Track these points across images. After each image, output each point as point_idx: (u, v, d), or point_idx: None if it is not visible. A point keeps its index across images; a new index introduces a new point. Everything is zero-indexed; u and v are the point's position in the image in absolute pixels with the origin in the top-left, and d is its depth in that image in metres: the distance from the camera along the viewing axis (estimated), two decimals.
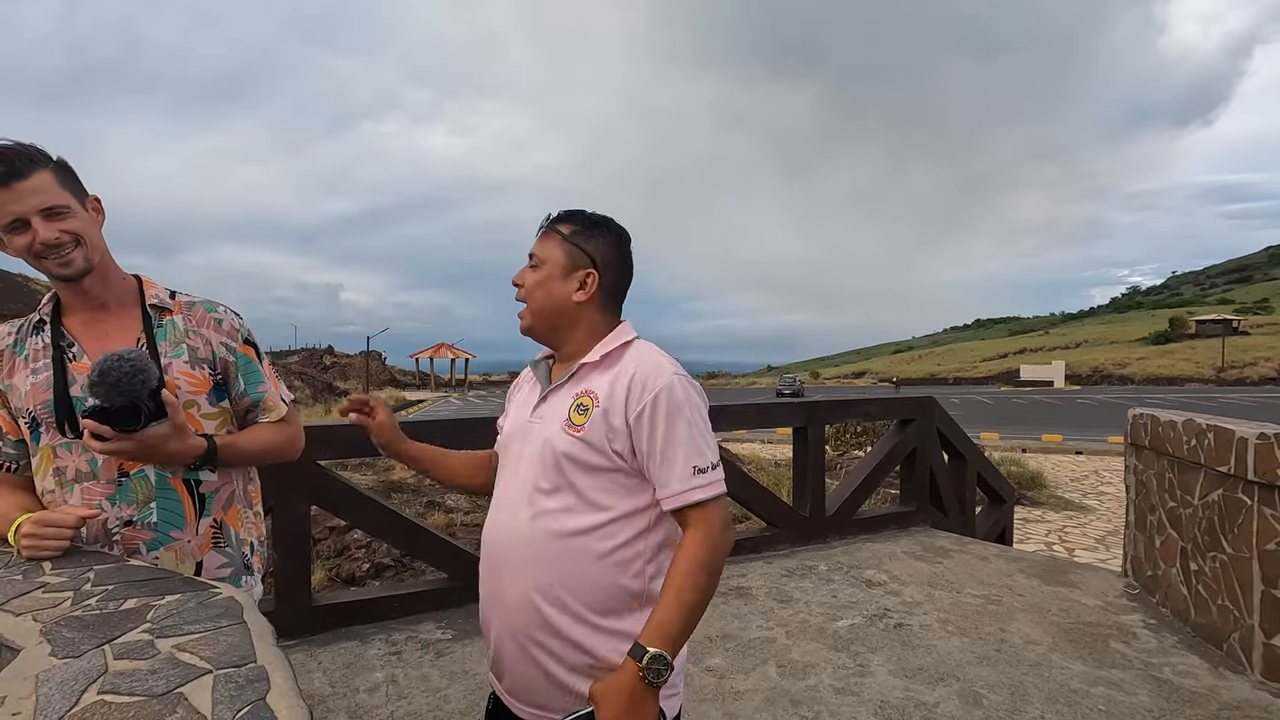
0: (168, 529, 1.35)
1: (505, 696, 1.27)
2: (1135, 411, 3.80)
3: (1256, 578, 2.67)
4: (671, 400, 1.16)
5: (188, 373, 1.39)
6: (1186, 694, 2.61)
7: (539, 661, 1.19)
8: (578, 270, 1.25)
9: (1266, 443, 2.60)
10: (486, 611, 1.28)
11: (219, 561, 1.41)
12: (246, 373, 1.47)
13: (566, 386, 1.25)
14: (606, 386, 1.20)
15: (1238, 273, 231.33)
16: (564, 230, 1.26)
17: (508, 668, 1.24)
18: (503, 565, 1.23)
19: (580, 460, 1.18)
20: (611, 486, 1.19)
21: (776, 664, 2.89)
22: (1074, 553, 8.40)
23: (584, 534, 1.18)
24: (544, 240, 1.27)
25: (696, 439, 1.16)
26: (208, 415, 1.41)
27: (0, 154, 1.23)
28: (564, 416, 1.21)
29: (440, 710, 2.52)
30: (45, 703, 0.70)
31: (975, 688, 2.67)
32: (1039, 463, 14.86)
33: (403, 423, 3.66)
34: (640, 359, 1.22)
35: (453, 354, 53.25)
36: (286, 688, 0.74)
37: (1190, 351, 69.73)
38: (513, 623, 1.21)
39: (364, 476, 8.93)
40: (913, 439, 5.06)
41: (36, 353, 1.35)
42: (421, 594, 3.42)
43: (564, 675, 1.18)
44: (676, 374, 1.19)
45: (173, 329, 1.41)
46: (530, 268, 1.28)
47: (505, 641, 1.23)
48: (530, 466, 1.23)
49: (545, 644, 1.18)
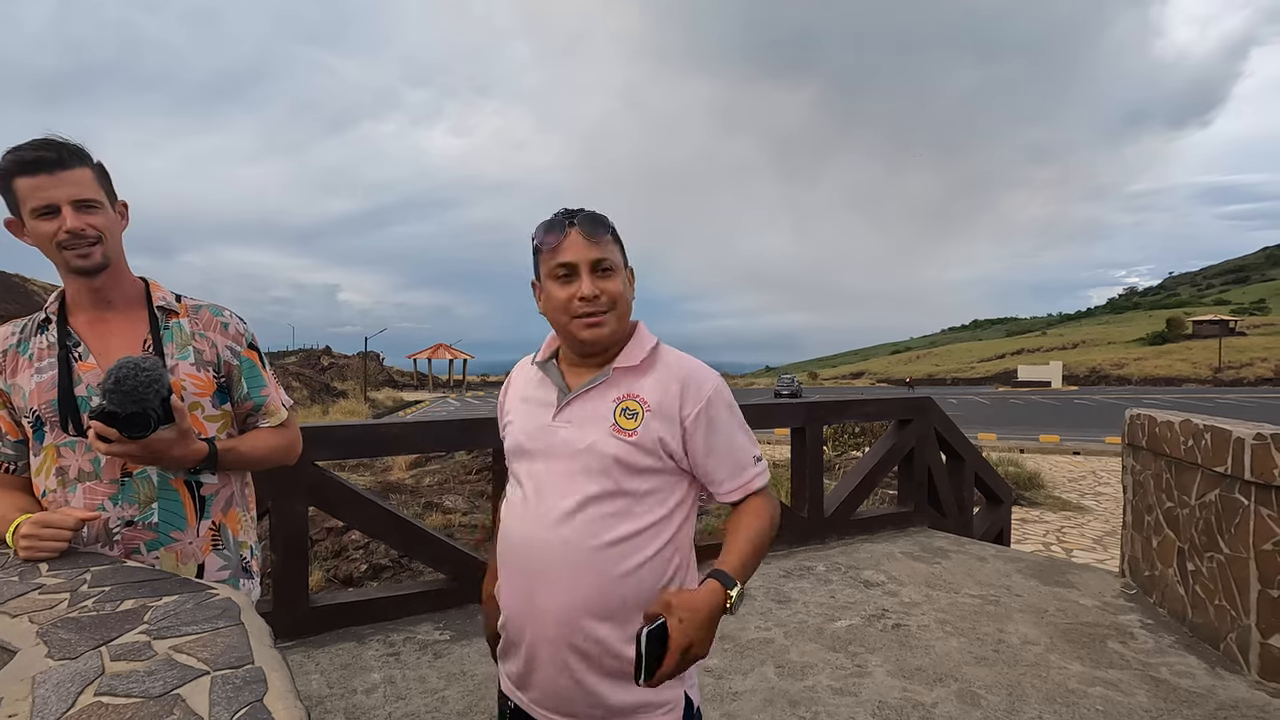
0: (168, 529, 1.35)
1: (533, 708, 1.24)
2: (1132, 412, 3.81)
3: (1253, 578, 2.67)
4: (724, 401, 1.24)
5: (193, 375, 1.40)
6: (1184, 694, 2.61)
7: (576, 671, 1.17)
8: (627, 268, 1.25)
9: (1263, 443, 2.61)
10: (518, 623, 1.23)
11: (218, 564, 1.42)
12: (250, 377, 1.48)
13: (600, 390, 1.22)
14: (654, 390, 1.20)
15: (1234, 274, 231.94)
16: (612, 231, 1.21)
17: (539, 679, 1.21)
18: (538, 577, 1.19)
19: (631, 464, 1.17)
20: (656, 487, 1.20)
21: (774, 664, 2.89)
22: (1071, 553, 8.42)
23: (629, 539, 1.17)
24: (605, 243, 1.20)
25: (745, 435, 1.27)
26: (211, 417, 1.42)
27: (49, 144, 1.29)
28: (609, 420, 1.19)
29: (438, 711, 2.51)
30: (42, 704, 0.69)
31: (973, 688, 2.68)
32: (1036, 463, 14.88)
33: (402, 423, 3.65)
34: (681, 362, 1.25)
35: (451, 354, 53.24)
36: (284, 689, 0.74)
37: (1187, 352, 69.92)
38: (551, 634, 1.18)
39: (362, 477, 8.92)
40: (910, 439, 5.06)
41: (41, 351, 1.36)
42: (419, 595, 3.41)
43: (601, 684, 1.17)
44: (718, 377, 1.27)
45: (179, 331, 1.42)
46: (602, 274, 1.19)
47: (542, 653, 1.19)
48: (566, 474, 1.19)
49: (588, 654, 1.16)
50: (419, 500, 7.57)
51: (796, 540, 4.56)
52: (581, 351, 1.24)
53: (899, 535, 4.86)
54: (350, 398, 30.74)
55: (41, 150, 1.27)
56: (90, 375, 1.33)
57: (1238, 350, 65.47)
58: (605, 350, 1.23)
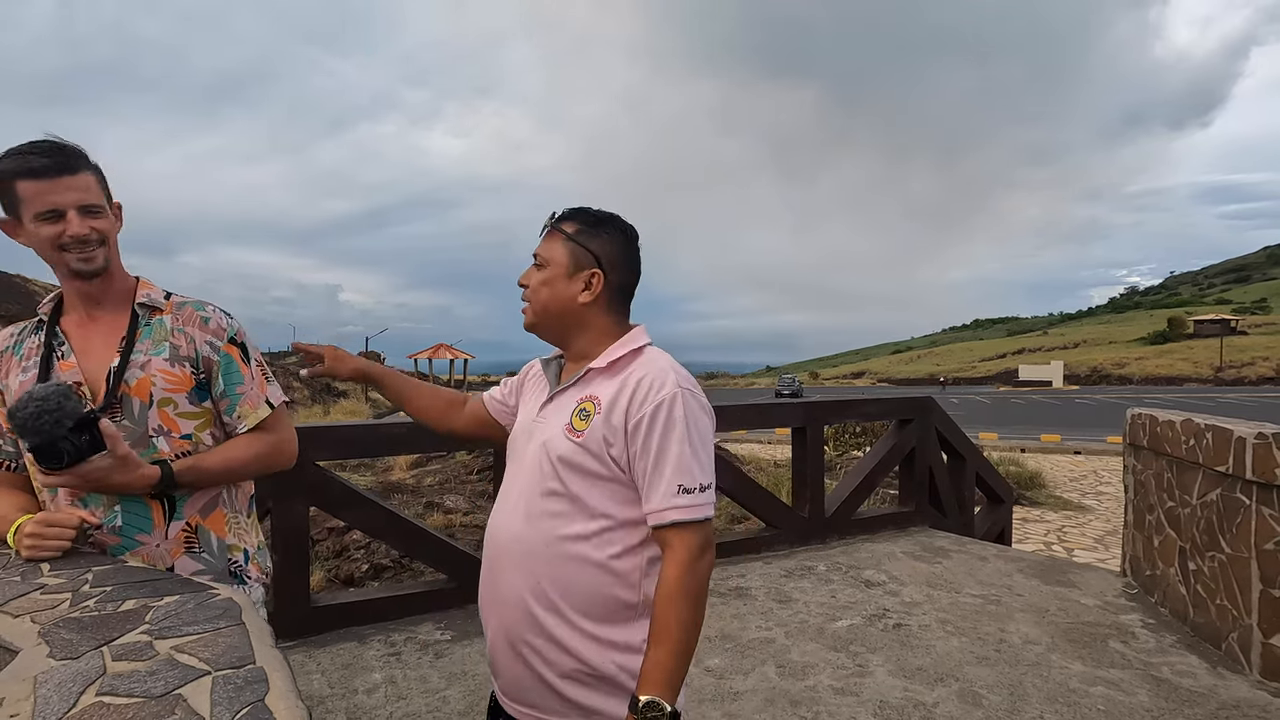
0: (132, 533, 1.33)
1: (500, 696, 1.27)
2: (1134, 411, 3.80)
3: (1255, 577, 2.67)
4: (671, 414, 1.13)
5: (166, 370, 1.37)
6: (1185, 693, 2.61)
7: (529, 662, 1.19)
8: (582, 270, 1.22)
9: (1265, 442, 2.61)
10: (485, 609, 1.28)
11: (193, 568, 1.37)
12: (227, 372, 1.44)
13: (573, 390, 1.24)
14: (610, 393, 1.17)
15: (1235, 273, 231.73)
16: (568, 229, 1.23)
17: (501, 666, 1.24)
18: (500, 563, 1.23)
19: (578, 466, 1.17)
20: (610, 494, 1.17)
21: (776, 664, 2.89)
22: (1073, 552, 8.41)
23: (580, 540, 1.16)
24: (548, 240, 1.25)
25: (688, 458, 1.12)
26: (185, 414, 1.39)
27: (54, 147, 1.28)
28: (566, 421, 1.20)
29: (439, 711, 2.51)
30: (44, 704, 0.69)
31: (974, 688, 2.67)
32: (1038, 463, 14.86)
33: (403, 423, 3.65)
34: (648, 368, 1.18)
35: (451, 354, 53.18)
36: (285, 689, 0.73)
37: (1188, 351, 69.87)
38: (506, 621, 1.21)
39: (363, 477, 8.93)
40: (911, 439, 5.06)
41: (30, 351, 1.37)
42: (420, 595, 3.41)
43: (555, 679, 1.17)
44: (682, 387, 1.15)
45: (159, 327, 1.41)
46: (535, 267, 1.25)
47: (499, 640, 1.23)
48: (531, 468, 1.22)
49: (535, 646, 1.18)
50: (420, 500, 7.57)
51: (797, 540, 4.56)
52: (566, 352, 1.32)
53: (900, 535, 4.86)
54: (351, 398, 30.75)
55: (47, 154, 1.26)
56: (69, 374, 1.33)
57: (1239, 349, 65.42)
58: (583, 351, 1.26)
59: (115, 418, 1.32)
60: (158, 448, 1.35)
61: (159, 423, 1.35)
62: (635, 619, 1.18)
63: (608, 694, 1.17)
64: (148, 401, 1.34)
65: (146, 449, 1.34)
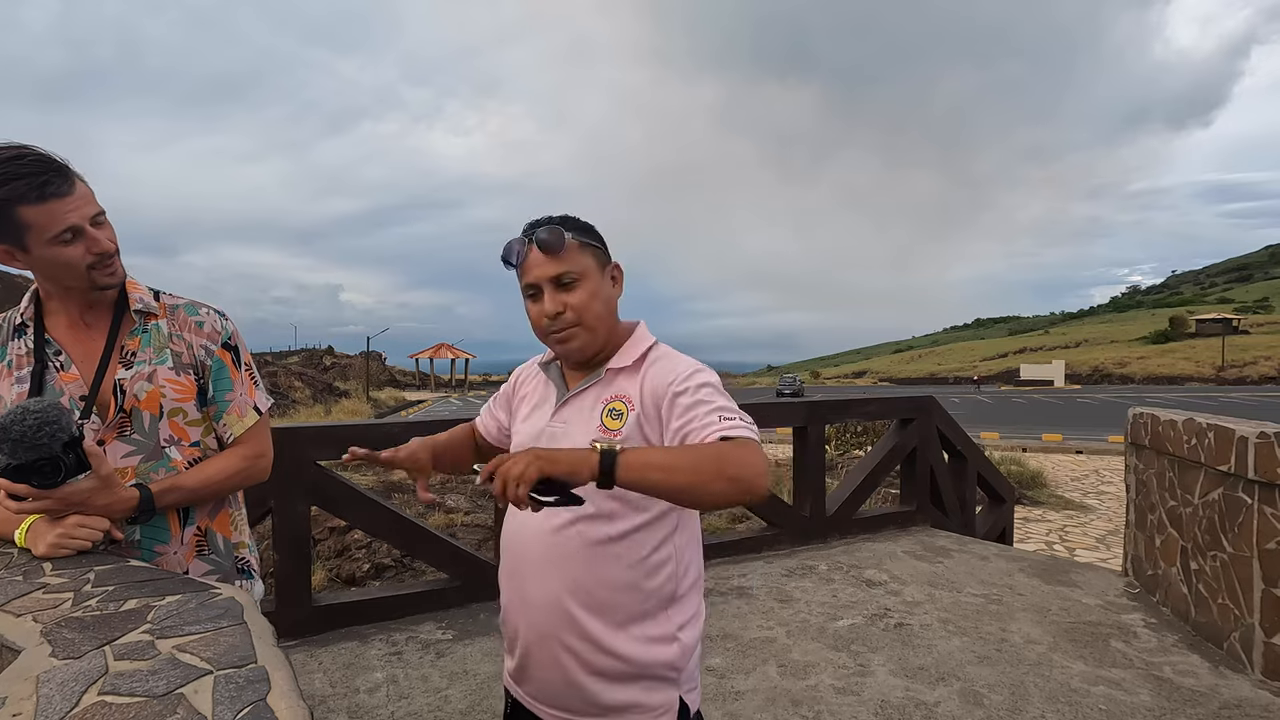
0: (151, 545, 1.31)
1: (530, 702, 1.25)
2: (1135, 410, 3.80)
3: (1257, 577, 2.66)
4: (704, 381, 1.14)
5: (173, 380, 1.34)
6: (1187, 693, 2.61)
7: (565, 665, 1.17)
8: (607, 268, 1.24)
9: (1267, 441, 2.60)
10: (511, 617, 1.25)
11: (203, 570, 1.36)
12: (218, 379, 1.41)
13: (593, 390, 1.22)
14: (638, 389, 1.18)
15: (1237, 272, 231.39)
16: (576, 237, 1.20)
17: (534, 672, 1.22)
18: (527, 568, 1.21)
19: None
20: None
21: (777, 664, 2.89)
22: (1074, 552, 8.41)
23: (618, 540, 1.16)
24: (567, 254, 1.18)
25: (724, 401, 1.11)
26: (194, 422, 1.37)
27: (50, 164, 1.19)
28: (596, 422, 1.18)
29: (441, 710, 2.52)
30: (46, 703, 0.69)
31: (976, 687, 2.67)
32: (1039, 462, 14.86)
33: (404, 423, 3.66)
34: (669, 359, 1.21)
35: (453, 354, 53.26)
36: (287, 688, 0.74)
37: (1190, 350, 69.76)
38: (539, 625, 1.19)
39: (364, 477, 8.93)
40: (913, 438, 5.06)
41: (20, 359, 1.29)
42: (422, 594, 3.42)
43: (592, 679, 1.17)
44: (704, 368, 1.20)
45: (157, 334, 1.36)
46: (562, 288, 1.18)
47: (532, 644, 1.21)
48: None
49: (574, 647, 1.17)
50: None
51: (799, 539, 4.56)
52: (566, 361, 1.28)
53: (901, 534, 4.85)
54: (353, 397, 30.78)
55: (46, 173, 1.18)
56: (73, 386, 1.27)
57: (1241, 349, 65.32)
58: (593, 357, 1.24)
59: (125, 432, 1.29)
60: (171, 458, 1.33)
61: (170, 433, 1.33)
62: (672, 605, 1.19)
63: (647, 688, 1.17)
64: (158, 414, 1.32)
65: (159, 460, 1.32)
